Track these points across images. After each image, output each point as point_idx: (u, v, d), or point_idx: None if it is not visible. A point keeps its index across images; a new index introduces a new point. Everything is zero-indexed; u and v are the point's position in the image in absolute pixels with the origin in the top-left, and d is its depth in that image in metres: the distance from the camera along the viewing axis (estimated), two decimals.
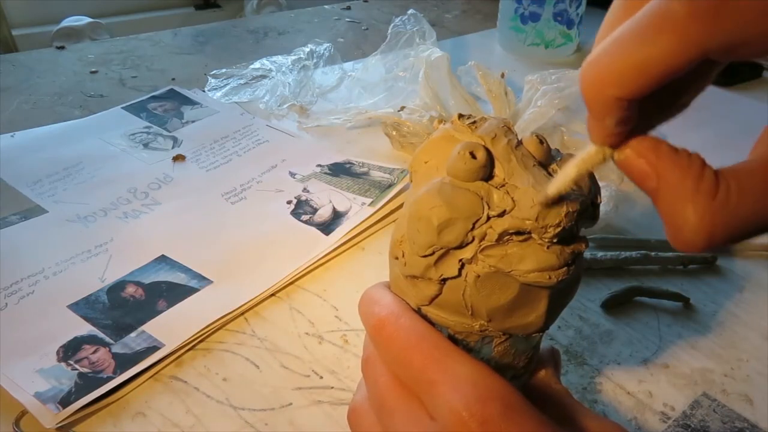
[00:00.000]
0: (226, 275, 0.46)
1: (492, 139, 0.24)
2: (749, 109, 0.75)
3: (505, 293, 0.24)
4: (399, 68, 0.70)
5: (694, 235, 0.20)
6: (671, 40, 0.17)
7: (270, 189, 0.56)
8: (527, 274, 0.23)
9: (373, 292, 0.27)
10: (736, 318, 0.45)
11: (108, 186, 0.55)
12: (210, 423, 0.36)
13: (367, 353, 0.27)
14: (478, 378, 0.23)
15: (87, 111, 0.67)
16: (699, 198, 0.19)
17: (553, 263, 0.23)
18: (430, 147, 0.26)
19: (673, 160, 0.20)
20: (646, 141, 0.20)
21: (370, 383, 0.26)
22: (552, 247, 0.23)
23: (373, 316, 0.26)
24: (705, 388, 0.40)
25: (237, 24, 0.96)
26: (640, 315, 0.45)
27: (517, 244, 0.23)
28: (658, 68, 0.17)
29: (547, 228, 0.23)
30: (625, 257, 0.48)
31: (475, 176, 0.23)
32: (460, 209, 0.23)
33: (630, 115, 0.19)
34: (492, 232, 0.23)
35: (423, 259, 0.25)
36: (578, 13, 0.84)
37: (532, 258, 0.23)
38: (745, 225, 0.19)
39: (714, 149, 0.74)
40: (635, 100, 0.18)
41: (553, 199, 0.23)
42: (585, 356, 0.41)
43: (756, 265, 0.50)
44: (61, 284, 0.44)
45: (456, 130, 0.25)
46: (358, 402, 0.27)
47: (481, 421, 0.22)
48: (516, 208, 0.23)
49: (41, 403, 0.35)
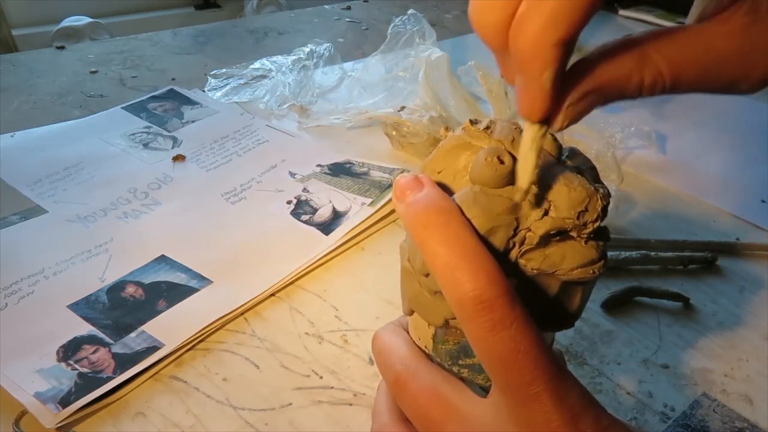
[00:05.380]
0: (226, 275, 0.46)
1: (511, 142, 0.24)
2: (749, 109, 0.75)
3: (546, 293, 0.24)
4: (399, 68, 0.70)
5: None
6: None
7: (270, 189, 0.56)
8: (571, 271, 0.24)
9: (386, 340, 0.28)
10: (736, 318, 0.45)
11: (108, 186, 0.55)
12: (210, 423, 0.36)
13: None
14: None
15: (87, 111, 0.67)
16: None
17: (594, 257, 0.24)
18: (442, 156, 0.26)
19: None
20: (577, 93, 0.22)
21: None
22: (589, 242, 0.24)
23: (391, 372, 0.26)
24: (705, 388, 0.40)
25: (237, 24, 0.96)
26: (640, 315, 0.45)
27: (556, 243, 0.24)
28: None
29: (587, 224, 0.23)
30: (625, 257, 0.48)
31: (505, 182, 0.23)
32: (501, 217, 0.23)
33: (564, 66, 0.20)
34: (532, 235, 0.23)
35: None
36: None
37: (574, 255, 0.24)
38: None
39: (714, 149, 0.74)
40: (571, 42, 0.19)
41: (533, 191, 0.23)
42: (585, 356, 0.41)
43: (756, 265, 0.50)
44: (61, 284, 0.44)
45: (471, 136, 0.25)
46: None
47: None
48: (552, 208, 0.23)
49: (41, 403, 0.35)
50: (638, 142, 0.63)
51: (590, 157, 0.26)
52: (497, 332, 0.21)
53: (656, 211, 0.56)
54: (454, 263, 0.21)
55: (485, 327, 0.21)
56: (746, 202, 0.58)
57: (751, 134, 0.69)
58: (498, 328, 0.21)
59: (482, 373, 0.27)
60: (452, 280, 0.21)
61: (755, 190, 0.60)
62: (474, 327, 0.21)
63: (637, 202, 0.57)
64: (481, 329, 0.21)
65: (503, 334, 0.21)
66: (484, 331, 0.21)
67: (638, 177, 0.61)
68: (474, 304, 0.21)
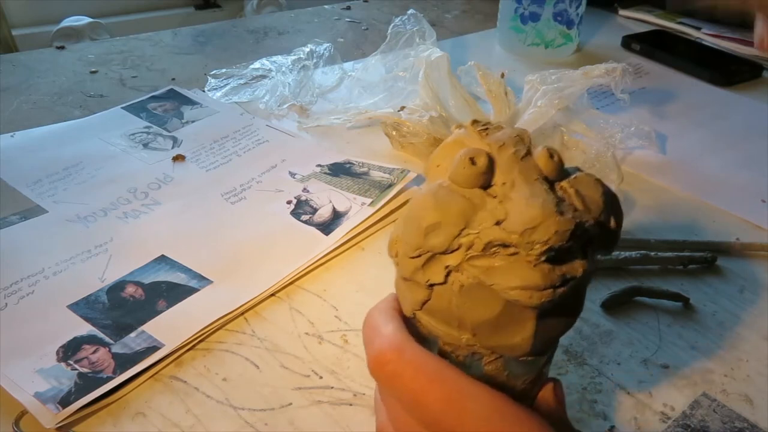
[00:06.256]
0: (226, 275, 0.46)
1: (499, 147, 0.24)
2: (749, 109, 0.75)
3: (489, 308, 0.23)
4: (399, 68, 0.70)
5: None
6: None
7: (270, 189, 0.56)
8: (509, 290, 0.22)
9: (375, 317, 0.27)
10: (736, 318, 0.45)
11: (108, 186, 0.55)
12: (210, 423, 0.36)
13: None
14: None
15: (87, 111, 0.67)
16: None
17: (538, 282, 0.22)
18: (442, 150, 0.26)
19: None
20: None
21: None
22: (539, 265, 0.22)
23: (372, 348, 0.25)
24: (705, 388, 0.40)
25: (237, 24, 0.96)
26: (640, 315, 0.45)
27: (505, 257, 0.22)
28: None
29: (533, 244, 0.22)
30: (625, 257, 0.48)
31: (473, 182, 0.23)
32: (449, 214, 0.23)
33: None
34: (479, 241, 0.23)
35: (412, 261, 0.24)
36: (578, 13, 0.84)
37: (516, 274, 0.22)
38: None
39: (714, 149, 0.75)
40: None
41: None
42: (585, 356, 0.41)
43: (756, 265, 0.50)
44: (61, 284, 0.44)
45: (467, 135, 0.25)
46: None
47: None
48: (506, 220, 0.22)
49: (41, 403, 0.35)
50: (638, 142, 0.63)
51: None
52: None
53: (656, 211, 0.56)
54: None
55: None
56: (746, 202, 0.58)
57: (751, 134, 0.69)
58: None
59: None
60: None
61: (755, 190, 0.60)
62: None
63: (637, 202, 0.57)
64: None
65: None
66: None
67: (638, 177, 0.61)
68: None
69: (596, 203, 0.24)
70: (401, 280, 0.26)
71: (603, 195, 0.24)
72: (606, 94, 0.74)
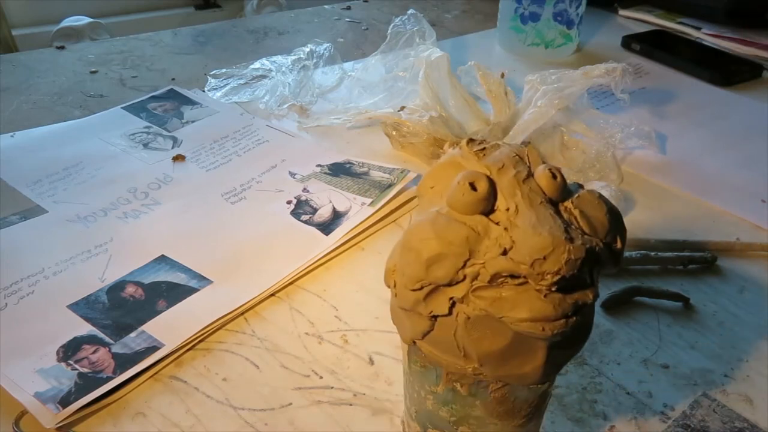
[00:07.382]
0: (226, 275, 0.46)
1: (498, 169, 0.22)
2: (749, 109, 0.75)
3: (498, 339, 0.22)
4: (399, 68, 0.70)
5: None
6: None
7: (270, 189, 0.56)
8: (519, 322, 0.21)
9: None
10: (736, 318, 0.45)
11: (108, 186, 0.55)
12: (210, 423, 0.36)
13: None
14: None
15: (87, 111, 0.67)
16: None
17: (549, 313, 0.21)
18: (436, 172, 0.24)
19: None
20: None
21: None
22: (550, 295, 0.21)
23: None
24: (705, 388, 0.40)
25: (237, 24, 0.96)
26: (640, 315, 0.45)
27: (513, 287, 0.21)
28: None
29: (544, 275, 0.21)
30: (625, 257, 0.48)
31: (473, 209, 0.22)
32: (452, 244, 0.21)
33: None
34: (485, 272, 0.21)
35: (412, 293, 0.23)
36: (578, 13, 0.84)
37: (526, 305, 0.21)
38: None
39: (714, 149, 0.74)
40: None
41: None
42: (585, 356, 0.41)
43: (756, 265, 0.50)
44: (61, 284, 0.44)
45: (463, 156, 0.24)
46: None
47: None
48: (513, 249, 0.21)
49: (41, 403, 0.35)
50: (638, 142, 0.63)
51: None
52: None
53: (656, 211, 0.56)
54: None
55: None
56: (746, 202, 0.58)
57: (751, 134, 0.69)
58: None
59: (446, 405, 0.25)
60: None
61: (755, 190, 0.60)
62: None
63: (637, 202, 0.57)
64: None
65: None
66: None
67: (638, 177, 0.60)
68: None
69: (602, 223, 0.23)
70: (400, 310, 0.25)
71: (607, 214, 0.23)
72: (606, 94, 0.74)
